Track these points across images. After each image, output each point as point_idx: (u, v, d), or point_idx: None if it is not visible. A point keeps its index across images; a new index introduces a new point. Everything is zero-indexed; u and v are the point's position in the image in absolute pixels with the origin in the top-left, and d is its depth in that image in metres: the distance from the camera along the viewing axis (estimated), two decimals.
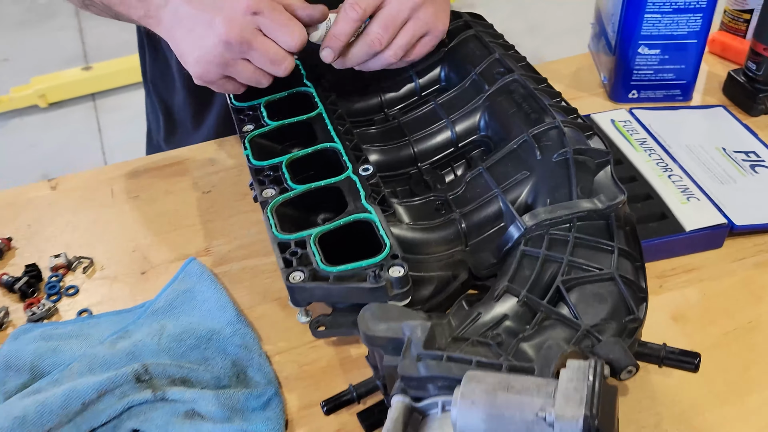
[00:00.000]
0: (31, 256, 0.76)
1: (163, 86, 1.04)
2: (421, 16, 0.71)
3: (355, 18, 0.69)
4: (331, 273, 0.56)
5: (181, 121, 1.04)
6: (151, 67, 1.04)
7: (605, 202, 0.61)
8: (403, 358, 0.48)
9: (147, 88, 1.08)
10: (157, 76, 1.04)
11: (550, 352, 0.46)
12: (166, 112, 1.06)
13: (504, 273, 0.59)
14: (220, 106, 0.97)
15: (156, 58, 1.02)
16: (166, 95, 1.05)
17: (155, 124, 1.10)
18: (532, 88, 0.70)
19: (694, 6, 0.83)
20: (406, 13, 0.70)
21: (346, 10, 0.69)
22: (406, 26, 0.71)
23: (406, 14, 0.70)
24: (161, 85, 1.04)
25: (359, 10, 0.68)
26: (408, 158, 0.73)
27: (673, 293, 0.68)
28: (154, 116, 1.09)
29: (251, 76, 0.69)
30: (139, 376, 0.58)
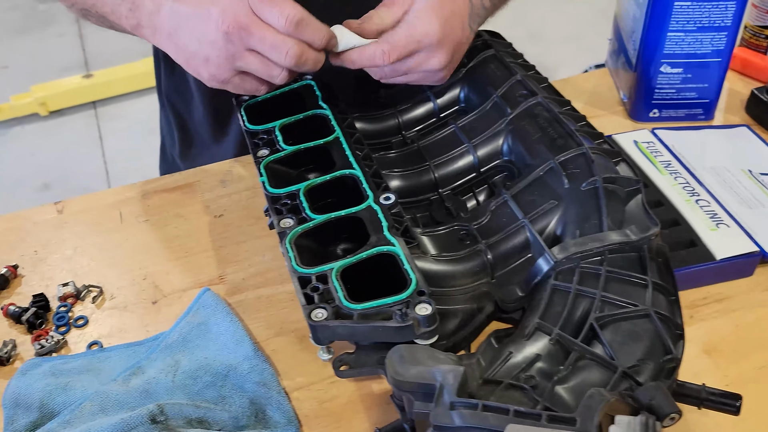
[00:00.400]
0: (37, 284, 0.74)
1: (179, 101, 1.02)
2: (432, 78, 0.72)
3: (379, 65, 0.68)
4: (355, 311, 0.54)
5: (199, 135, 1.02)
6: (167, 82, 1.02)
7: (638, 234, 0.58)
8: (436, 406, 0.46)
9: (162, 102, 1.05)
10: (173, 90, 1.01)
11: (592, 402, 0.44)
12: (182, 127, 1.04)
13: (534, 309, 0.57)
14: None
15: (172, 72, 1.00)
16: (183, 110, 1.02)
17: (170, 139, 1.07)
18: (556, 111, 0.68)
19: (719, 25, 0.81)
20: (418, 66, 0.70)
21: (376, 54, 0.67)
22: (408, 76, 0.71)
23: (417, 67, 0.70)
24: (177, 100, 1.02)
25: (386, 61, 0.67)
26: (429, 184, 0.70)
27: (705, 324, 0.66)
28: (168, 131, 1.07)
29: (261, 69, 0.67)
30: (154, 417, 0.56)
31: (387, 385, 0.62)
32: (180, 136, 1.04)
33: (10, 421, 0.60)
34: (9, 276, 0.73)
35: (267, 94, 0.76)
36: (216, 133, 0.99)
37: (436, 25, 0.68)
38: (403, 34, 0.68)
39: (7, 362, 0.66)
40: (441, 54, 0.69)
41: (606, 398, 0.44)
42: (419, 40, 0.68)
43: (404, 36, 0.68)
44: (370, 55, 0.68)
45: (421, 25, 0.68)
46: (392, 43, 0.67)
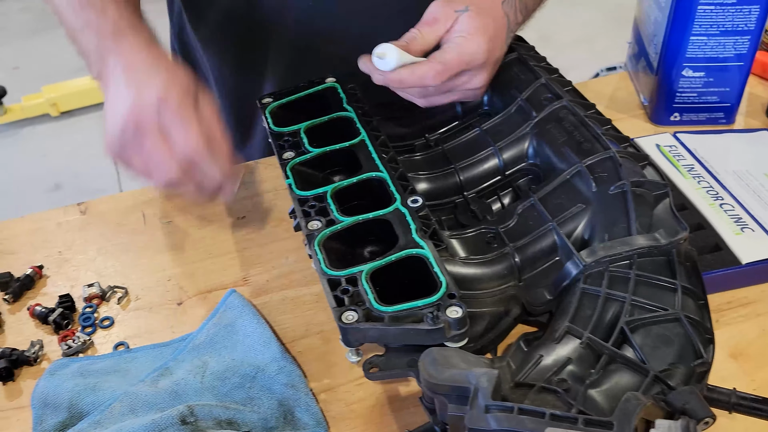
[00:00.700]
0: (62, 285, 0.74)
1: None
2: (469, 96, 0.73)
3: (428, 85, 0.68)
4: (385, 313, 0.54)
5: None
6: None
7: (667, 238, 0.58)
8: (471, 409, 0.46)
9: None
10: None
11: (629, 406, 0.44)
12: None
13: (563, 312, 0.57)
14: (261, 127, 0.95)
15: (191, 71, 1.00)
16: None
17: None
18: (582, 115, 0.68)
19: (742, 29, 0.81)
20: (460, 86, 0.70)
21: (428, 74, 0.67)
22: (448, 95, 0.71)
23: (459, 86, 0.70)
24: None
25: (438, 81, 0.67)
26: (454, 187, 0.70)
27: (731, 328, 0.66)
28: None
29: (145, 173, 0.64)
30: (184, 418, 0.56)
31: (414, 387, 0.62)
32: None
33: (39, 420, 0.60)
34: (34, 276, 0.74)
35: (291, 96, 0.77)
36: (240, 140, 0.99)
37: (484, 46, 0.68)
38: (454, 54, 0.68)
39: (34, 362, 0.66)
40: (485, 74, 0.70)
41: (642, 402, 0.44)
42: (468, 61, 0.68)
43: (456, 56, 0.68)
44: (421, 74, 0.67)
45: (470, 45, 0.68)
46: (444, 63, 0.67)
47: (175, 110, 0.61)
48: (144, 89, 0.61)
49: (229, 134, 0.98)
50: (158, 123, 0.61)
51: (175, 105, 0.61)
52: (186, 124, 0.61)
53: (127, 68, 0.64)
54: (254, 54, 0.92)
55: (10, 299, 0.72)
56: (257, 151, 0.97)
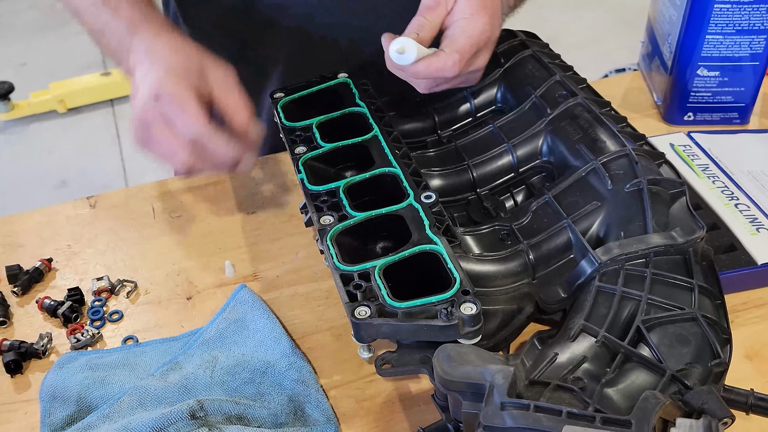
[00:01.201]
0: (72, 278, 0.74)
1: None
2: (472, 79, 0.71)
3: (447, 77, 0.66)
4: (399, 309, 0.53)
5: None
6: None
7: (684, 237, 0.58)
8: (486, 406, 0.45)
9: None
10: None
11: (648, 404, 0.43)
12: None
13: (578, 310, 0.56)
14: (267, 122, 0.94)
15: None
16: None
17: None
18: (597, 112, 0.68)
19: (758, 28, 0.80)
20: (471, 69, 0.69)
21: (447, 64, 0.65)
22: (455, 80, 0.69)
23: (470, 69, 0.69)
24: None
25: (457, 71, 0.66)
26: (467, 183, 0.70)
27: (746, 329, 0.65)
28: None
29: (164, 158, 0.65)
30: (194, 412, 0.55)
31: (425, 384, 0.62)
32: None
33: (47, 414, 0.60)
34: (43, 269, 0.73)
35: (303, 92, 0.76)
36: None
37: (488, 24, 0.67)
38: (464, 39, 0.66)
39: (43, 355, 0.65)
40: (487, 53, 0.69)
41: (661, 401, 0.43)
42: (477, 42, 0.67)
43: (467, 40, 0.66)
44: (440, 66, 0.65)
45: (476, 25, 0.67)
46: (460, 52, 0.66)
47: (172, 99, 0.62)
48: (143, 85, 0.63)
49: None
50: (160, 114, 0.62)
51: (170, 95, 0.62)
52: (184, 109, 0.62)
53: (137, 65, 0.66)
54: (252, 51, 0.92)
55: (19, 292, 0.71)
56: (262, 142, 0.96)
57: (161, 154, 0.64)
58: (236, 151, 0.64)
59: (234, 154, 0.64)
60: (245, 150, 0.65)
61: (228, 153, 0.64)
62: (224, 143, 0.63)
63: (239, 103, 0.66)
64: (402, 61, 0.65)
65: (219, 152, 0.64)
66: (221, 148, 0.63)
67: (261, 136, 0.68)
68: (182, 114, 0.62)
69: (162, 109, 0.62)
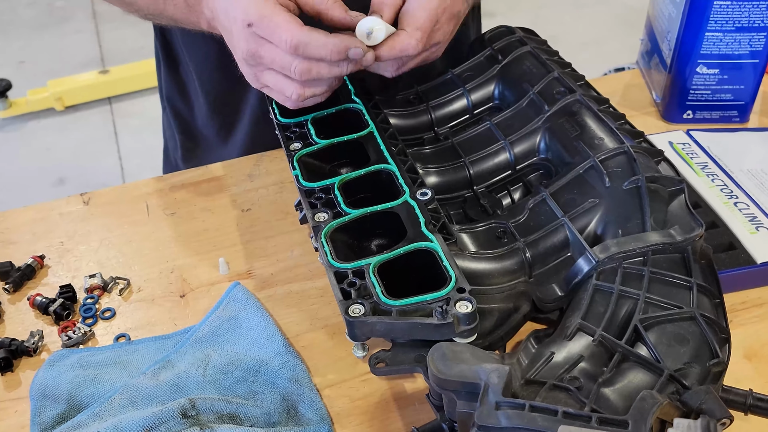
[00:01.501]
0: (64, 275, 0.73)
1: (181, 102, 1.00)
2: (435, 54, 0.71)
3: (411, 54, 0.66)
4: (393, 307, 0.52)
5: (203, 137, 1.00)
6: (168, 84, 1.00)
7: (682, 235, 0.57)
8: (481, 406, 0.45)
9: (163, 105, 1.04)
10: (174, 92, 1.00)
11: (645, 404, 0.43)
12: (184, 129, 1.02)
13: (575, 309, 0.56)
14: (248, 121, 0.93)
15: (174, 73, 0.98)
16: (185, 111, 1.01)
17: (172, 142, 1.06)
18: (596, 109, 0.67)
19: (758, 25, 0.80)
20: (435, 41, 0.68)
21: (410, 43, 0.65)
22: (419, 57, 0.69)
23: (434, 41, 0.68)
24: (179, 102, 1.00)
25: (420, 48, 0.65)
26: (463, 180, 0.69)
27: (745, 329, 0.65)
28: (170, 134, 1.05)
29: (277, 86, 0.66)
30: (185, 411, 0.55)
31: (419, 384, 0.61)
32: (182, 139, 1.02)
33: (37, 412, 0.59)
34: (35, 266, 0.73)
35: None
36: (222, 134, 0.98)
37: (449, 25, 0.67)
38: (424, 15, 0.66)
39: (34, 353, 0.65)
40: (447, 26, 0.68)
41: (659, 401, 0.43)
42: (437, 16, 0.66)
43: (426, 15, 0.66)
44: (403, 47, 0.65)
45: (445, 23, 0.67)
46: (421, 28, 0.65)
47: (261, 21, 0.62)
48: (233, 23, 0.64)
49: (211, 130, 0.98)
50: (259, 39, 0.63)
51: (258, 17, 0.62)
52: (276, 24, 0.62)
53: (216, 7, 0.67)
54: None
55: (11, 289, 0.71)
56: (236, 150, 0.95)
57: (275, 76, 0.65)
58: (341, 42, 0.63)
59: (340, 44, 0.63)
60: (350, 39, 0.64)
61: (333, 46, 0.62)
62: (324, 37, 0.62)
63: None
64: (371, 41, 0.64)
65: (324, 49, 0.62)
66: (325, 44, 0.62)
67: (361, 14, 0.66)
68: (276, 29, 0.62)
69: (259, 33, 0.63)
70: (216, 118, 0.97)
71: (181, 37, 0.93)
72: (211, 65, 0.91)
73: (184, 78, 0.99)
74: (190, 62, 0.93)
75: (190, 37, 0.90)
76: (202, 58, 0.92)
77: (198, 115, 0.99)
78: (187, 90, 0.99)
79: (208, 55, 0.91)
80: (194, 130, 1.01)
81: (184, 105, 1.00)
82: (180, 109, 1.01)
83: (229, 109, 0.95)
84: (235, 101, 0.93)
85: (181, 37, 0.93)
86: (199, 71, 0.93)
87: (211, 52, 0.90)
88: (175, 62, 0.98)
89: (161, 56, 0.99)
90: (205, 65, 0.92)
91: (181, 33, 0.92)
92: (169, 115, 1.03)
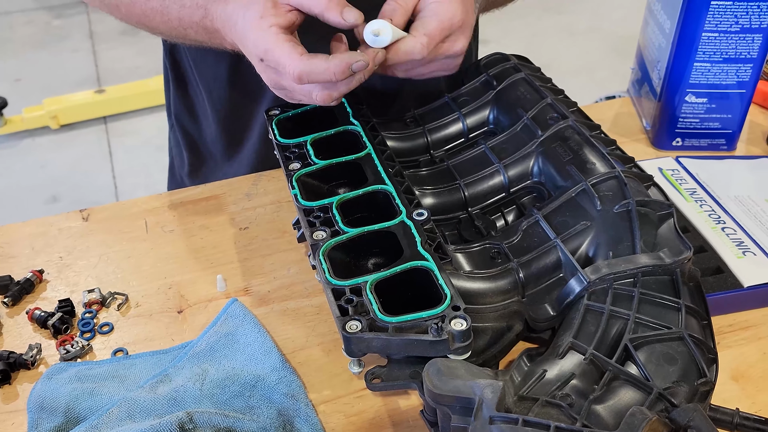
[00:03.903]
0: (63, 289, 0.74)
1: (189, 120, 1.02)
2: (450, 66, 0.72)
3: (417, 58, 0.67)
4: (389, 323, 0.54)
5: (211, 155, 1.01)
6: (176, 102, 1.02)
7: (671, 257, 0.59)
8: (475, 420, 0.46)
9: (171, 122, 1.05)
10: (183, 110, 1.01)
11: (634, 420, 0.44)
12: (192, 147, 1.03)
13: (567, 328, 0.57)
14: (256, 140, 0.95)
15: (182, 92, 1.00)
16: (193, 130, 1.02)
17: (179, 160, 1.07)
18: (587, 135, 0.69)
19: (745, 56, 0.82)
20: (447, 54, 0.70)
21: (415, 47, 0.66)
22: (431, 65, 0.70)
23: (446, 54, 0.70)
24: (187, 120, 1.02)
25: (425, 53, 0.67)
26: (458, 202, 0.71)
27: (732, 351, 0.66)
28: (177, 151, 1.06)
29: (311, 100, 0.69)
30: (183, 424, 0.55)
31: (414, 401, 0.62)
32: (189, 156, 1.03)
33: (34, 425, 0.60)
34: (34, 280, 0.73)
35: (297, 109, 0.77)
36: (230, 152, 0.99)
37: (460, 7, 0.68)
38: (434, 23, 0.67)
39: (32, 366, 0.65)
40: (464, 38, 0.69)
41: (648, 416, 0.44)
42: (449, 26, 0.67)
43: (437, 24, 0.67)
44: (408, 50, 0.66)
45: (447, 9, 0.67)
46: (428, 35, 0.66)
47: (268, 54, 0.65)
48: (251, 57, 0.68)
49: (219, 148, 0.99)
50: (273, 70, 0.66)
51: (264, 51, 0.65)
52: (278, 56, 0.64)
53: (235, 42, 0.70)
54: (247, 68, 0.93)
55: (9, 302, 0.71)
56: (244, 167, 0.97)
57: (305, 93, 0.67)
58: (341, 63, 0.63)
59: (341, 64, 0.63)
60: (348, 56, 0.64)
61: (335, 68, 0.63)
62: (324, 62, 0.63)
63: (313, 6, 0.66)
64: (378, 43, 0.66)
65: (327, 73, 0.63)
66: (327, 69, 0.63)
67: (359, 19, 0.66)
68: (279, 61, 0.64)
69: (270, 64, 0.66)
70: (225, 136, 0.98)
71: (190, 56, 0.94)
72: (220, 83, 0.93)
73: (192, 97, 1.00)
74: (200, 80, 0.95)
75: (200, 56, 0.92)
76: (212, 76, 0.93)
77: (206, 133, 1.01)
78: (195, 108, 1.01)
79: (218, 73, 0.92)
80: (202, 148, 1.03)
81: (192, 123, 1.02)
82: (188, 127, 1.02)
83: (238, 126, 0.96)
84: (245, 119, 0.94)
85: (191, 55, 0.94)
86: (209, 89, 0.95)
87: (221, 71, 0.91)
88: (183, 81, 0.99)
89: (170, 75, 1.00)
90: (215, 84, 0.93)
91: (190, 52, 0.94)
92: (177, 133, 1.04)
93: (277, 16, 0.66)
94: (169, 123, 1.06)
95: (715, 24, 0.80)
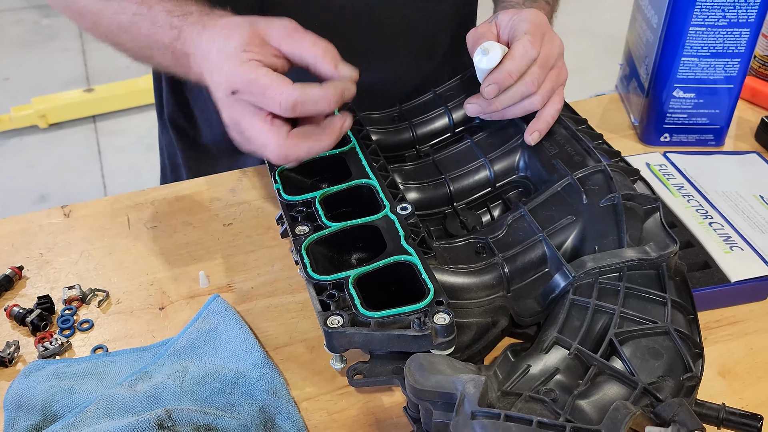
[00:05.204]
0: (43, 286, 0.73)
1: (185, 121, 0.99)
2: (562, 65, 0.71)
3: (533, 56, 0.66)
4: (372, 318, 0.53)
5: (213, 155, 0.99)
6: (171, 105, 0.99)
7: (657, 252, 0.58)
8: (456, 416, 0.45)
9: (163, 124, 1.03)
10: (178, 111, 0.99)
11: (618, 414, 0.43)
12: (191, 147, 1.01)
13: (551, 323, 0.56)
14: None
15: (178, 93, 0.98)
16: (190, 130, 1.00)
17: (173, 161, 1.04)
18: (574, 129, 0.68)
19: (733, 51, 0.82)
20: (554, 58, 0.69)
21: (525, 46, 0.66)
22: (551, 73, 0.69)
23: (554, 59, 0.69)
24: (183, 121, 0.99)
25: (537, 48, 0.66)
26: (444, 197, 0.70)
27: (719, 347, 0.65)
28: (172, 152, 1.04)
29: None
30: (161, 422, 0.54)
31: (397, 398, 0.61)
32: (187, 156, 1.01)
33: (10, 423, 0.58)
34: (13, 277, 0.72)
35: None
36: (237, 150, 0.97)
37: (538, 14, 0.69)
38: (525, 25, 0.67)
39: (9, 363, 0.64)
40: (556, 37, 0.69)
41: (631, 411, 0.43)
42: (539, 25, 0.68)
43: (528, 25, 0.67)
44: (521, 51, 0.66)
45: (526, 16, 0.68)
46: (528, 32, 0.66)
47: (248, 86, 0.60)
48: (218, 90, 0.62)
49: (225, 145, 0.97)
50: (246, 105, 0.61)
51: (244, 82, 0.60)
52: (264, 87, 0.59)
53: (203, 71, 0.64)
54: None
55: None
56: (254, 159, 0.95)
57: (258, 147, 0.62)
58: (336, 91, 0.61)
59: (336, 92, 0.61)
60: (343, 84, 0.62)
61: (332, 96, 0.61)
62: (320, 90, 0.60)
63: (315, 46, 0.62)
64: (489, 62, 0.66)
65: (324, 101, 0.60)
66: (324, 96, 0.60)
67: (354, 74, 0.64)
68: (266, 91, 0.59)
69: (246, 100, 0.60)
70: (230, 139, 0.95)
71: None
72: None
73: (188, 98, 0.98)
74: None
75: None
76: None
77: (206, 134, 0.99)
78: (192, 110, 0.98)
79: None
80: (201, 148, 1.00)
81: (188, 124, 1.00)
82: (185, 129, 1.00)
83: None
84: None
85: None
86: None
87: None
88: (179, 81, 0.96)
89: (164, 77, 0.97)
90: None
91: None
92: (172, 135, 1.01)
93: (262, 54, 0.61)
94: (159, 123, 1.04)
95: (702, 18, 0.80)
